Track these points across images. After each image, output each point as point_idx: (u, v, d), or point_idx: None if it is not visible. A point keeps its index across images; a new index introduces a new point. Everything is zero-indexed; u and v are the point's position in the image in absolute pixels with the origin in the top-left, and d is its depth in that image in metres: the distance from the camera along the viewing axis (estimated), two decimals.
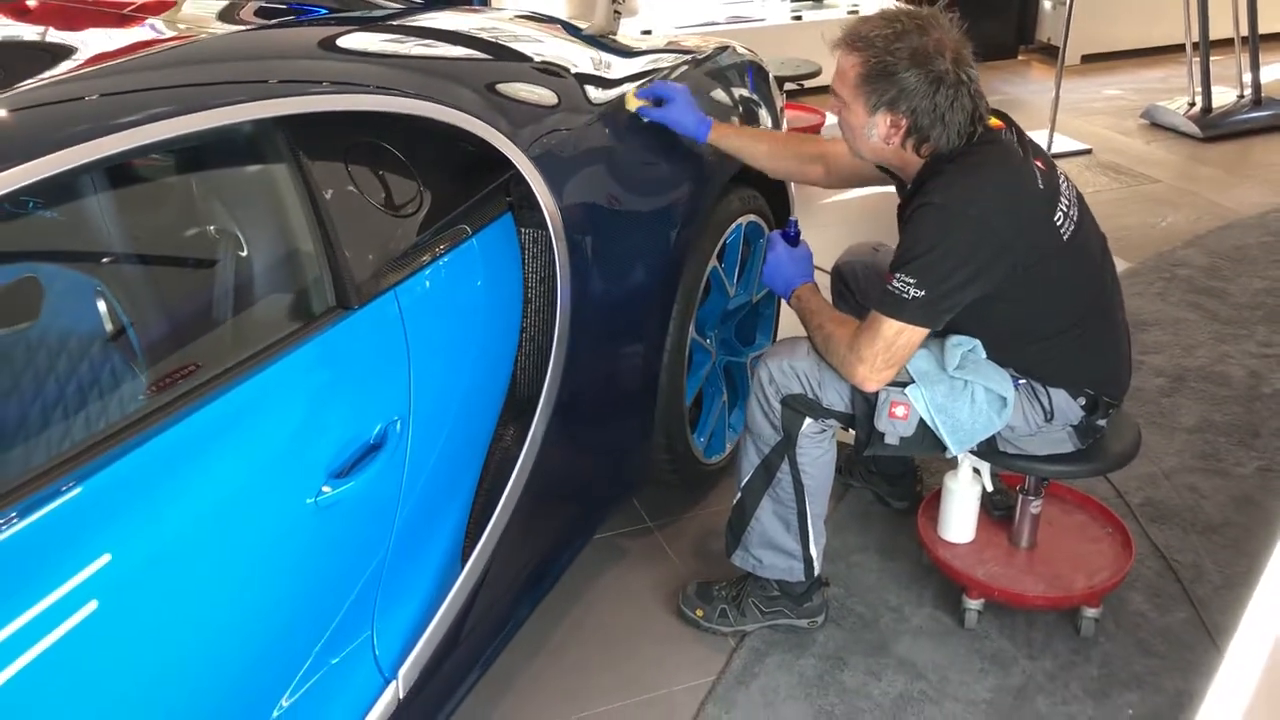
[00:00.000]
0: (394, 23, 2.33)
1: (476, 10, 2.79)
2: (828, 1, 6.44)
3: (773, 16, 6.29)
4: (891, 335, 2.07)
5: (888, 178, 2.34)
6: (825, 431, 2.26)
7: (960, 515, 2.48)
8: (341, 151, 1.79)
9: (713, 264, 2.59)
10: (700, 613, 2.44)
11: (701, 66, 2.81)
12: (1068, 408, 2.22)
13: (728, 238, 2.63)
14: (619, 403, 2.46)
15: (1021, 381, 2.20)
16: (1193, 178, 5.16)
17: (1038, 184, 2.10)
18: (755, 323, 2.95)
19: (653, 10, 5.97)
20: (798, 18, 6.31)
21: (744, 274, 2.78)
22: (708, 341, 2.72)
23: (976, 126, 2.07)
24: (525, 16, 2.83)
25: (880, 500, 2.84)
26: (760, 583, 2.40)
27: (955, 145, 2.06)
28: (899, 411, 2.17)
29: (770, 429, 2.26)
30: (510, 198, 2.07)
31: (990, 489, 2.46)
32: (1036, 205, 2.09)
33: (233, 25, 2.10)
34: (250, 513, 1.51)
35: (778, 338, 2.96)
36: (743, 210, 2.67)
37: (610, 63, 2.62)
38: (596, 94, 2.41)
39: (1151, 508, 2.81)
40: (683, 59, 2.78)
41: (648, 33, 5.40)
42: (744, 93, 2.90)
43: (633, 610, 2.51)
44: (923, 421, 2.18)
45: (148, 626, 1.37)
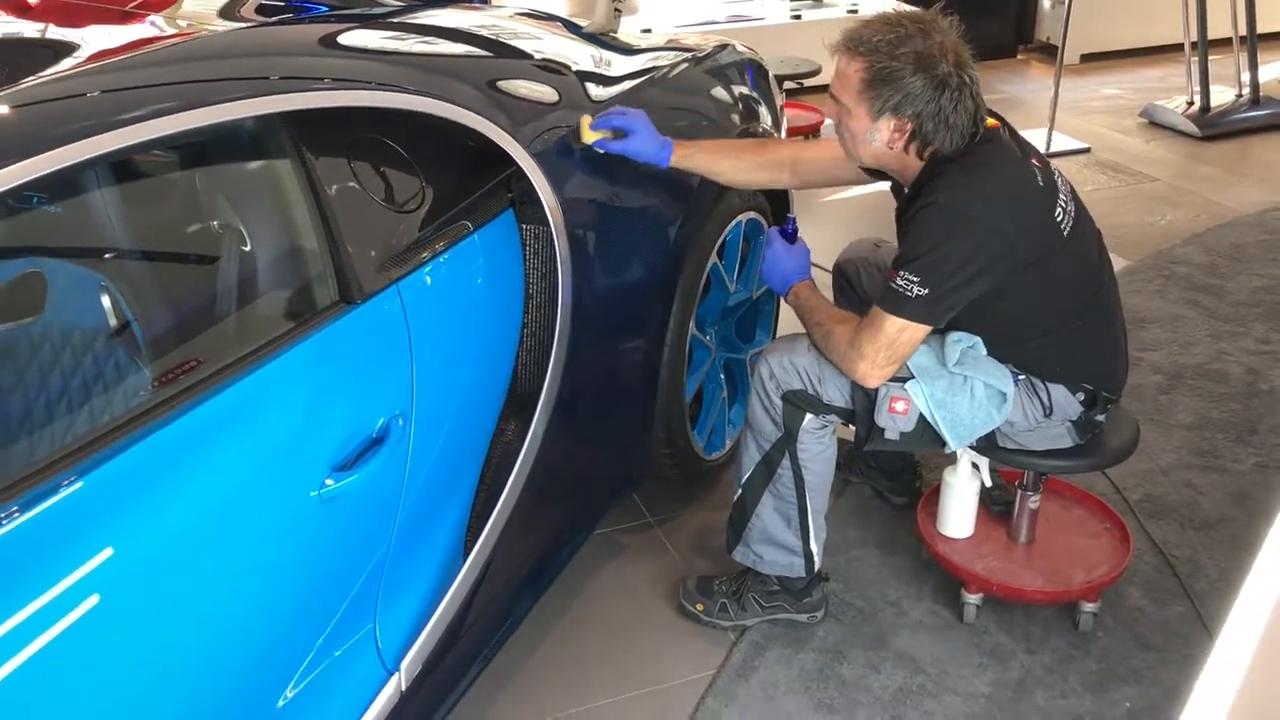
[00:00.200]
0: (395, 20, 2.34)
1: (477, 8, 2.79)
2: (827, 1, 6.45)
3: (772, 16, 6.31)
4: (894, 332, 2.08)
5: (868, 178, 2.33)
6: (826, 427, 2.27)
7: (959, 510, 2.50)
8: (345, 148, 1.80)
9: (713, 260, 2.59)
10: (701, 607, 2.45)
11: (702, 64, 2.82)
12: (1067, 403, 2.23)
13: (728, 234, 2.64)
14: (620, 398, 2.48)
15: (1021, 377, 2.21)
16: (1191, 176, 5.18)
17: (1038, 181, 2.11)
18: (755, 319, 2.96)
19: (652, 9, 5.98)
20: (797, 17, 6.33)
21: (744, 270, 2.79)
22: (708, 338, 2.73)
23: (978, 127, 2.08)
24: (526, 14, 2.84)
25: (879, 496, 2.85)
26: (760, 578, 2.41)
27: (957, 146, 2.07)
28: (899, 407, 2.18)
29: (771, 425, 2.27)
30: (512, 194, 2.08)
31: (989, 484, 2.47)
32: (1038, 202, 2.10)
33: (234, 22, 2.11)
34: (254, 505, 1.52)
35: (777, 334, 2.97)
36: (743, 207, 2.68)
37: (611, 60, 2.64)
38: (597, 91, 2.42)
39: (1149, 504, 2.82)
40: (683, 57, 2.79)
41: (647, 31, 5.41)
42: (744, 90, 2.91)
43: (633, 605, 2.52)
44: (923, 417, 2.19)
45: (152, 619, 1.38)
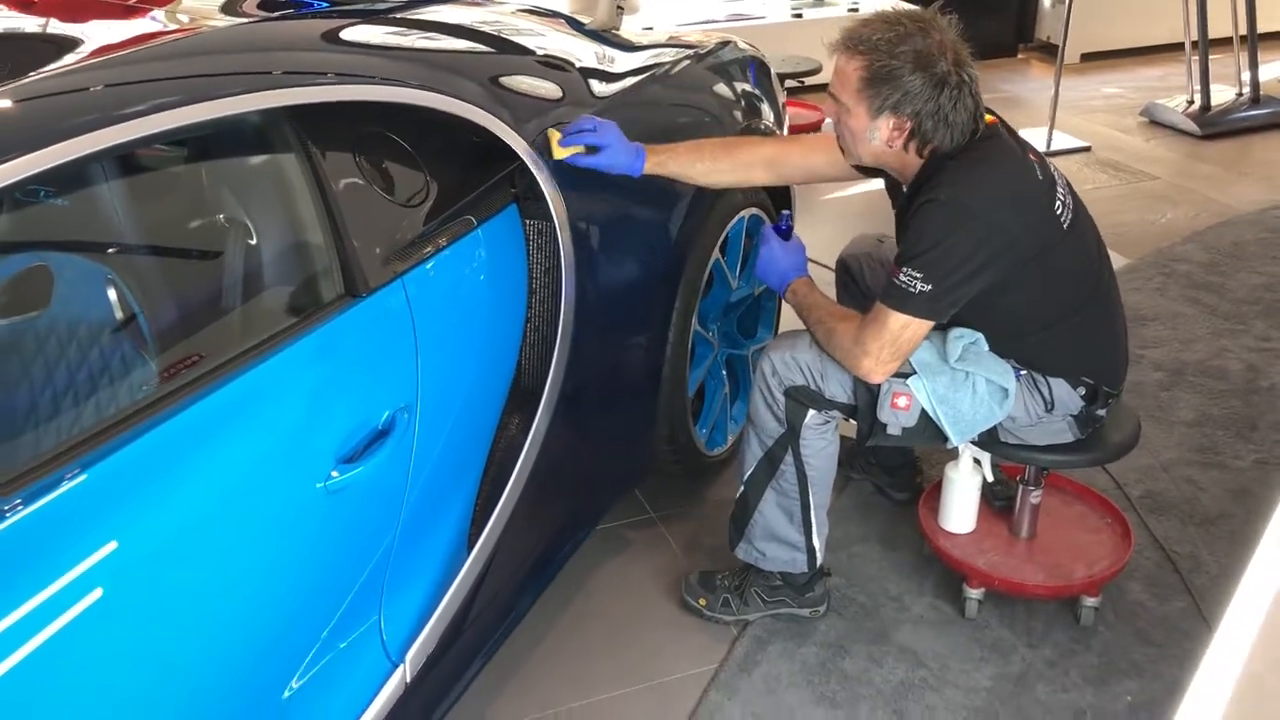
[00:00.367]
0: (398, 16, 2.35)
1: (480, 4, 2.80)
2: (828, 0, 6.46)
3: (773, 14, 6.31)
4: (897, 329, 2.09)
5: (858, 175, 2.32)
6: (828, 423, 2.28)
7: (961, 505, 2.50)
8: (350, 143, 1.81)
9: (715, 256, 2.60)
10: (703, 602, 2.45)
11: (704, 61, 2.83)
12: (1068, 398, 2.24)
13: (730, 230, 2.65)
14: (622, 393, 2.48)
15: (1023, 372, 2.22)
16: (1191, 175, 5.18)
17: (1036, 175, 2.11)
18: (757, 316, 2.97)
19: (654, 7, 5.99)
20: (798, 15, 6.33)
21: (746, 267, 2.79)
22: (710, 333, 2.74)
23: (978, 125, 2.08)
24: (529, 11, 2.85)
25: (880, 492, 2.85)
26: (763, 572, 2.42)
27: (958, 144, 2.07)
28: (901, 402, 2.19)
29: (774, 421, 2.27)
30: (515, 189, 2.09)
31: (991, 479, 2.48)
32: (1038, 196, 2.10)
33: (236, 18, 2.11)
34: (261, 497, 1.53)
35: (779, 331, 2.98)
36: (745, 203, 2.69)
37: (614, 57, 2.64)
38: (600, 88, 2.43)
39: (1150, 499, 2.83)
40: (685, 54, 2.80)
41: (649, 29, 5.41)
42: (746, 87, 2.92)
43: (635, 599, 2.53)
44: (925, 412, 2.20)
45: (159, 610, 1.39)
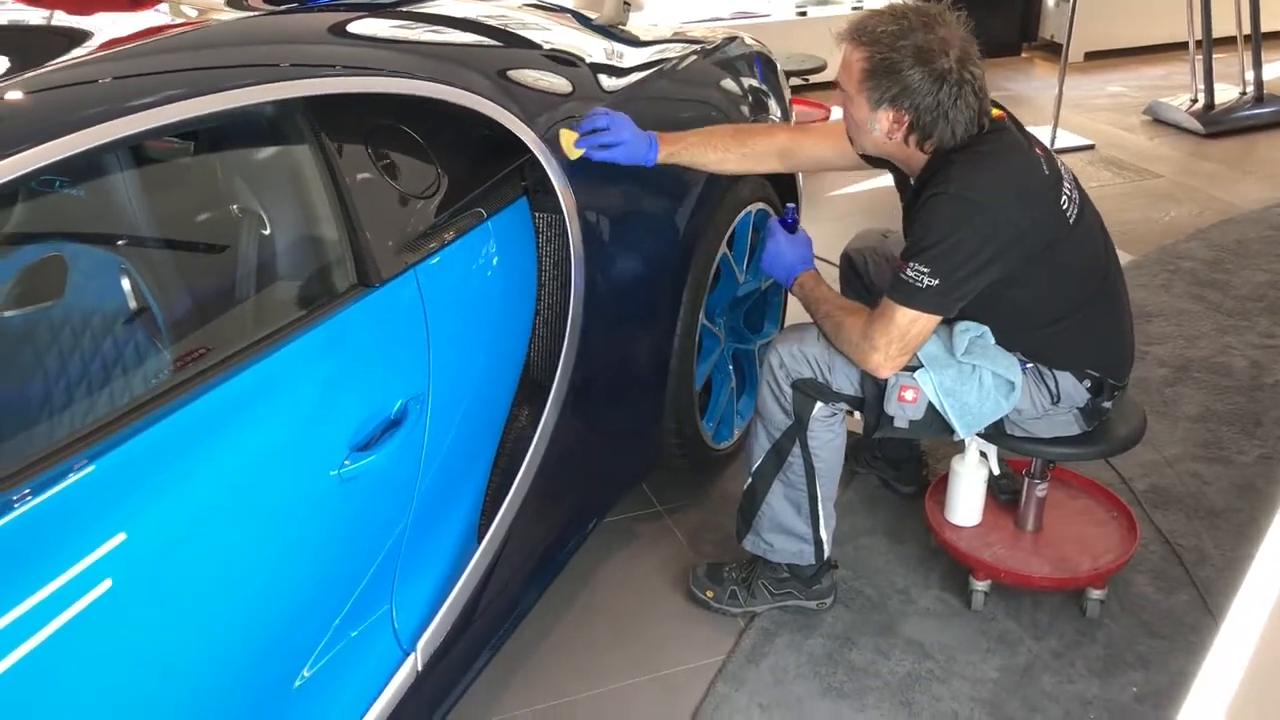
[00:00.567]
0: (410, 10, 2.36)
1: None
2: None
3: (778, 12, 6.32)
4: (905, 323, 2.10)
5: (866, 165, 2.34)
6: (836, 415, 2.29)
7: (967, 498, 2.51)
8: (362, 135, 1.82)
9: (723, 250, 2.61)
10: (710, 594, 2.46)
11: (710, 57, 2.84)
12: (1074, 390, 2.25)
13: (737, 224, 2.66)
14: (631, 386, 2.49)
15: (1029, 365, 2.23)
16: (1195, 173, 5.19)
17: (1044, 170, 2.12)
18: (764, 310, 2.98)
19: (659, 5, 5.99)
20: (803, 13, 6.34)
21: (753, 261, 2.80)
22: (717, 327, 2.75)
23: (983, 122, 2.09)
24: (536, 6, 2.87)
25: (886, 485, 2.86)
26: (770, 565, 2.43)
27: (961, 140, 2.08)
28: (908, 395, 2.20)
29: (781, 413, 2.28)
30: (525, 182, 2.10)
31: (997, 472, 2.49)
32: (1044, 190, 2.11)
33: (243, 11, 2.12)
34: (276, 484, 1.54)
35: (785, 326, 2.99)
36: (752, 198, 2.70)
37: (622, 52, 2.66)
38: (609, 82, 2.44)
39: (1155, 494, 2.84)
40: (691, 49, 2.81)
41: (654, 26, 5.42)
42: (753, 83, 2.93)
43: (643, 592, 2.54)
44: (931, 405, 2.21)
45: (172, 598, 1.40)
